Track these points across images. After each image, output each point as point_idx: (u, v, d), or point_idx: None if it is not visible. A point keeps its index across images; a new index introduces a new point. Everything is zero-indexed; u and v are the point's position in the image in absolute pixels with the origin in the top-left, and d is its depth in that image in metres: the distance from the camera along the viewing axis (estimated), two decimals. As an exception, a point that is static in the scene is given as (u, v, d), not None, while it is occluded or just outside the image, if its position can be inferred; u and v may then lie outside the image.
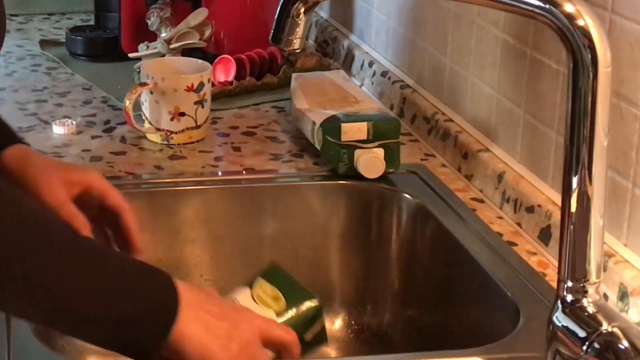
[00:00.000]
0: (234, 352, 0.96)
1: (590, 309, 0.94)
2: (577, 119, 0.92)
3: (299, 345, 1.02)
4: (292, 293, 1.09)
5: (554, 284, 0.99)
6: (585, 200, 0.93)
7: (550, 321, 0.96)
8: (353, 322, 1.46)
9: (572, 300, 0.95)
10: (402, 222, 1.43)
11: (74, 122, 1.64)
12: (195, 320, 0.94)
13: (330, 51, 2.07)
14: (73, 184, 1.19)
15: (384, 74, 1.82)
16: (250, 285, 1.09)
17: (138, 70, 1.79)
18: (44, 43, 2.11)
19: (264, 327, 1.00)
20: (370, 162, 1.45)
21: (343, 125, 1.45)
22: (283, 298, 1.07)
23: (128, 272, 0.93)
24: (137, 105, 1.58)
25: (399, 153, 1.48)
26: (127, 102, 1.56)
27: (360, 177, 1.46)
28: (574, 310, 0.95)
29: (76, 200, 1.18)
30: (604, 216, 0.94)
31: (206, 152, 1.58)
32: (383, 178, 1.47)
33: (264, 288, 1.08)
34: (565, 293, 0.96)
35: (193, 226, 1.44)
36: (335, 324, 1.46)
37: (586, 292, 0.95)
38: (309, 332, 1.07)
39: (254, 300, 1.07)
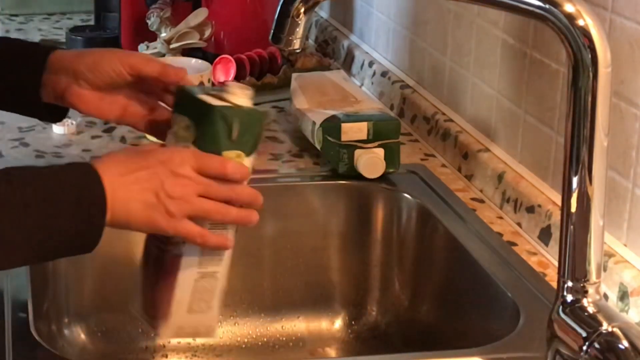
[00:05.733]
0: (172, 208, 1.00)
1: (590, 309, 0.94)
2: (577, 119, 0.92)
3: (238, 167, 1.02)
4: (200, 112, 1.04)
5: (554, 284, 0.99)
6: (585, 200, 0.93)
7: (550, 321, 0.96)
8: (353, 322, 1.46)
9: (572, 300, 0.95)
10: (402, 222, 1.43)
11: (74, 122, 1.64)
12: (126, 195, 0.98)
13: (330, 51, 2.07)
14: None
15: (384, 74, 1.82)
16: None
17: (138, 70, 1.78)
18: (44, 43, 2.11)
19: (192, 158, 1.01)
20: (371, 162, 1.45)
21: (343, 125, 1.45)
22: (192, 124, 1.03)
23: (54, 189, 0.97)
24: (137, 106, 1.58)
25: (399, 153, 1.48)
26: (127, 102, 1.55)
27: (360, 177, 1.46)
28: (574, 310, 0.95)
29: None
30: (604, 216, 0.94)
31: (206, 152, 1.58)
32: (383, 178, 1.47)
33: (178, 121, 1.05)
34: (565, 293, 0.96)
35: (193, 226, 1.44)
36: (335, 324, 1.46)
37: (586, 292, 0.95)
38: (233, 133, 1.03)
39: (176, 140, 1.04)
